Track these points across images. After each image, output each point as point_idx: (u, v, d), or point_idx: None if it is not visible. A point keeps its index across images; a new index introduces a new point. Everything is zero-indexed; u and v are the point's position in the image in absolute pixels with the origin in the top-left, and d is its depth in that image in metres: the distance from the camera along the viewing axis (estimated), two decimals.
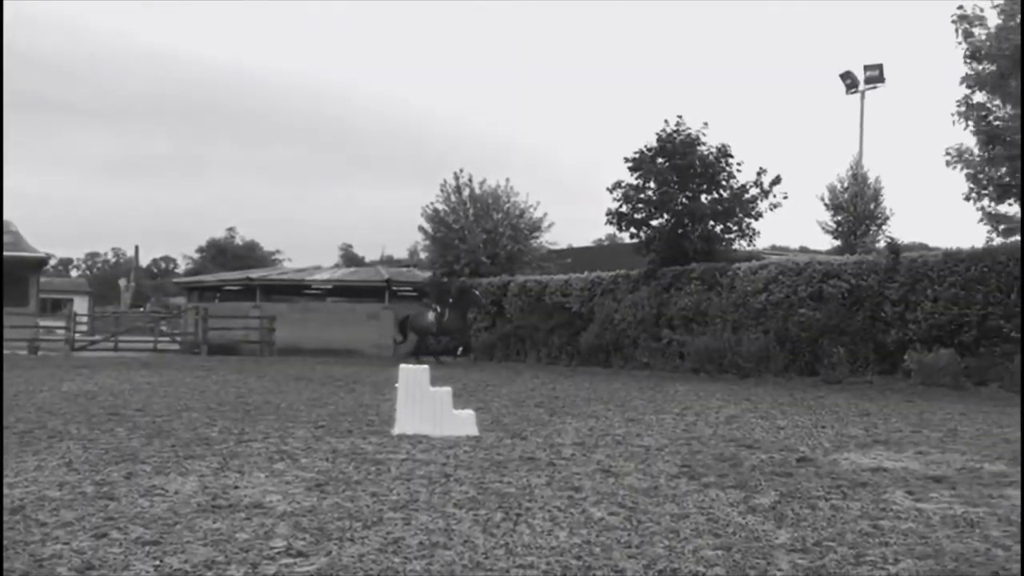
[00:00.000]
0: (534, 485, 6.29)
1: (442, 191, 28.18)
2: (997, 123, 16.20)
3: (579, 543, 4.65)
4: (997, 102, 16.49)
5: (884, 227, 23.44)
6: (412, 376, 9.43)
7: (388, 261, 60.66)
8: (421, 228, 28.55)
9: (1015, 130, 15.67)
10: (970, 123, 16.49)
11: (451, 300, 24.53)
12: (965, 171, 16.54)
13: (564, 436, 9.00)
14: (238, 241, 76.34)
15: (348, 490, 6.03)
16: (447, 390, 9.44)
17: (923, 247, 20.61)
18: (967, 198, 16.79)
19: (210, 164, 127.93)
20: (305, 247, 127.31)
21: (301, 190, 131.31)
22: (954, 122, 16.81)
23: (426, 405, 9.24)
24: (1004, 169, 16.11)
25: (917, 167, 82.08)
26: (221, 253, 71.19)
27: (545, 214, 28.76)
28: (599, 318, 22.44)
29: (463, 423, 9.23)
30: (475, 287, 25.41)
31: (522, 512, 5.39)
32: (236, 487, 6.07)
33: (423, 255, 30.65)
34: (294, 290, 35.48)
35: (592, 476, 6.65)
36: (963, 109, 16.54)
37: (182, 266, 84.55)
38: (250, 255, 70.63)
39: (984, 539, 4.72)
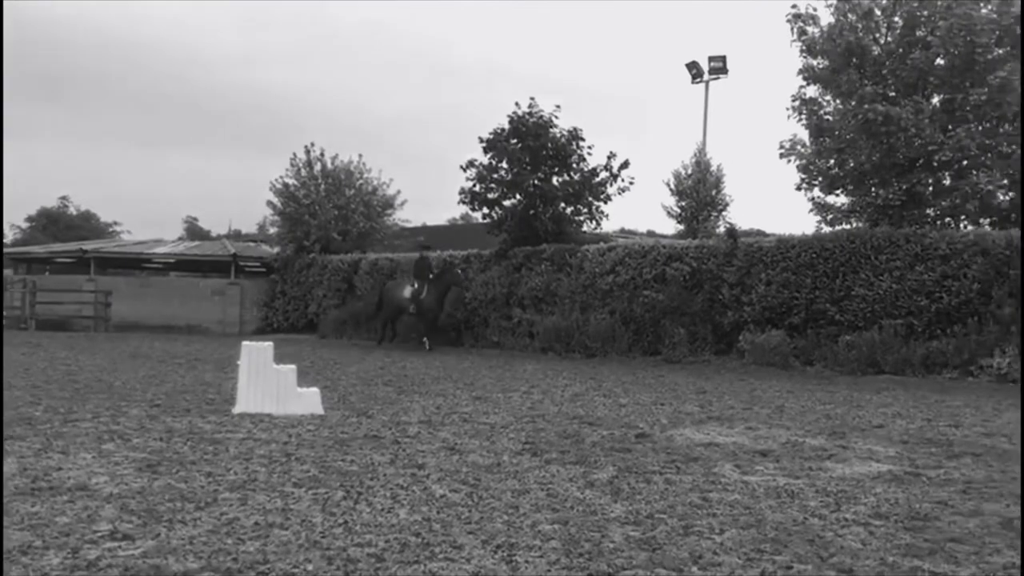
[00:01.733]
0: (377, 463, 6.24)
1: (292, 165, 27.49)
2: (827, 117, 17.13)
3: (419, 520, 4.66)
4: (828, 97, 17.42)
5: (724, 213, 24.49)
6: (255, 353, 9.18)
7: (235, 236, 58.72)
8: (270, 203, 27.77)
9: (843, 124, 16.60)
10: (803, 116, 17.38)
11: (431, 276, 21.58)
12: (797, 162, 17.43)
13: (411, 414, 8.98)
14: (72, 211, 72.05)
15: (182, 471, 5.82)
16: (291, 368, 9.24)
17: (760, 233, 21.58)
18: (799, 188, 17.71)
19: (41, 127, 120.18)
20: (147, 219, 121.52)
21: (145, 159, 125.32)
22: (788, 115, 17.69)
23: (269, 383, 9.02)
24: (832, 161, 17.07)
25: (756, 157, 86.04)
26: (53, 223, 66.99)
27: (399, 191, 28.53)
28: (450, 297, 22.46)
29: (307, 401, 9.07)
30: (455, 264, 22.10)
31: (363, 490, 5.35)
32: (59, 468, 5.76)
33: (272, 230, 29.80)
34: (133, 263, 33.85)
35: (436, 453, 6.66)
36: (796, 103, 17.41)
37: (9, 236, 79.18)
38: (85, 225, 66.84)
39: (803, 509, 5.01)
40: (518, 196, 21.73)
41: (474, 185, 21.93)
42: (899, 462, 6.58)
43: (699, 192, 24.08)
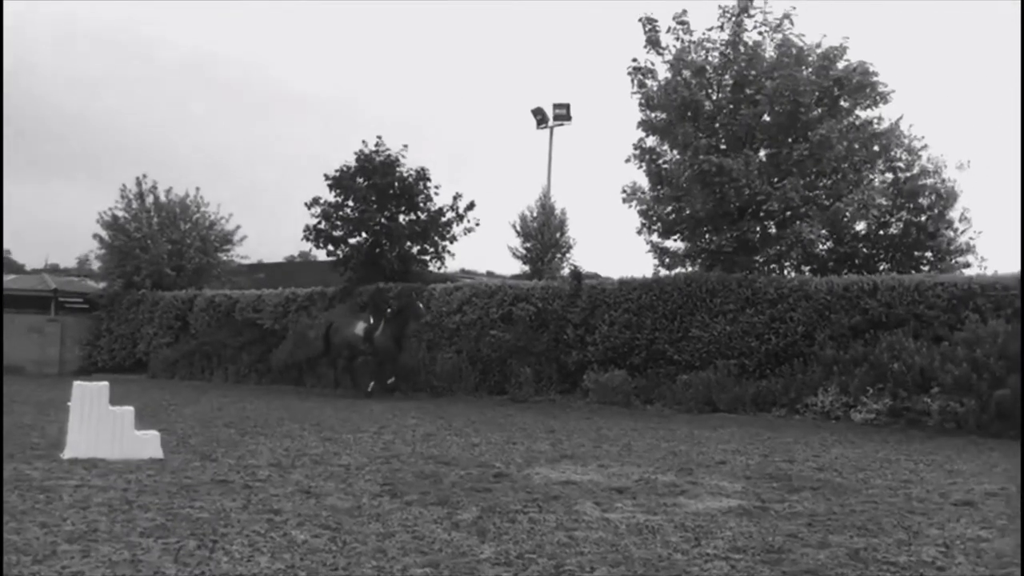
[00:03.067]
0: (229, 509, 5.97)
1: (123, 197, 26.19)
2: (665, 166, 17.91)
3: (283, 568, 4.48)
4: (665, 147, 18.22)
5: (568, 255, 25.07)
6: (88, 394, 8.64)
7: (53, 269, 55.17)
8: (97, 236, 26.30)
9: (679, 173, 17.38)
10: (643, 164, 18.10)
11: (388, 311, 19.01)
12: (638, 208, 18.10)
13: (259, 457, 8.66)
14: None
15: (12, 521, 5.37)
16: (129, 409, 8.76)
17: (596, 276, 22.10)
18: (639, 232, 18.38)
19: None
20: None
21: None
22: (629, 162, 18.38)
23: (104, 425, 8.49)
24: (670, 207, 17.82)
25: (599, 201, 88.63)
26: None
27: (238, 227, 27.67)
28: (293, 335, 21.90)
29: (145, 445, 8.59)
30: (418, 297, 19.53)
31: (218, 538, 5.10)
32: None
33: (97, 264, 28.19)
34: None
35: (291, 497, 6.44)
36: (637, 152, 18.13)
37: None
38: None
39: (665, 544, 5.14)
40: (364, 234, 21.53)
41: (319, 223, 21.58)
42: (746, 497, 6.87)
43: (544, 234, 24.60)
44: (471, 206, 21.67)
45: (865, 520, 5.98)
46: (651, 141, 18.03)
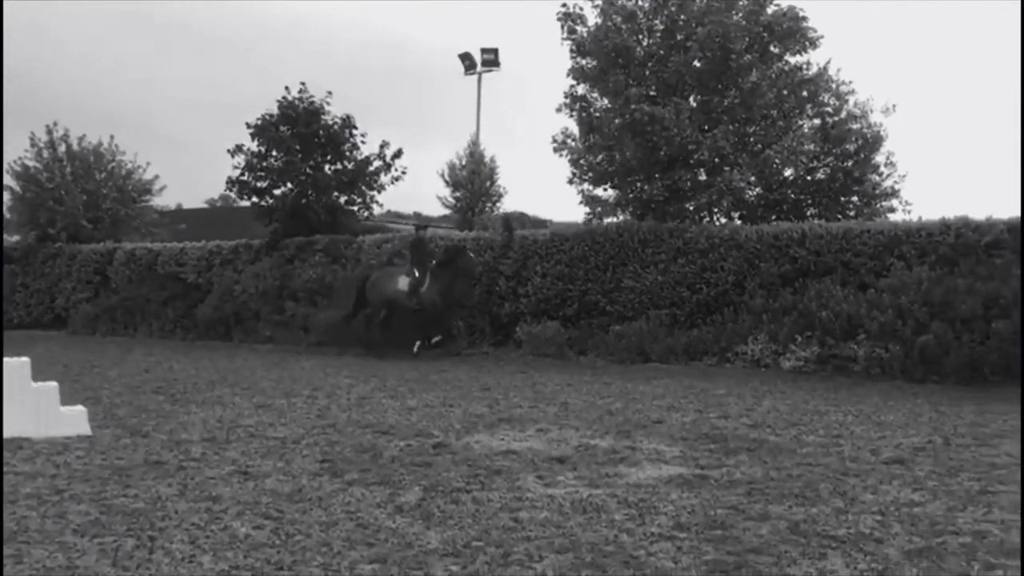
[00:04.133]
0: (165, 497, 5.80)
1: (32, 146, 25.09)
2: (596, 114, 17.79)
3: (226, 569, 4.36)
4: (596, 95, 18.07)
5: (499, 204, 24.94)
6: (9, 370, 8.27)
7: None
8: (8, 187, 25.20)
9: (610, 122, 17.28)
10: (574, 113, 17.95)
11: (435, 262, 17.42)
12: (569, 157, 17.98)
13: (191, 430, 8.44)
14: None
15: None
16: (52, 385, 8.44)
17: (538, 224, 21.93)
18: (570, 181, 18.30)
19: None
20: None
21: None
22: (559, 110, 18.20)
23: (27, 403, 8.16)
24: (601, 157, 17.75)
25: (531, 150, 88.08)
26: None
27: (156, 176, 26.78)
28: (218, 290, 21.40)
29: (73, 422, 8.29)
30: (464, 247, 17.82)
31: (156, 534, 4.94)
32: None
33: (8, 216, 27.06)
34: None
35: (229, 480, 6.29)
36: (568, 100, 17.95)
37: None
38: None
39: (611, 524, 5.15)
40: (289, 185, 21.02)
41: (242, 173, 20.99)
42: (685, 463, 6.94)
43: (473, 183, 24.37)
44: (398, 154, 21.31)
45: (802, 487, 6.08)
46: (582, 89, 17.86)
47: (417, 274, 16.93)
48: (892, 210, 18.97)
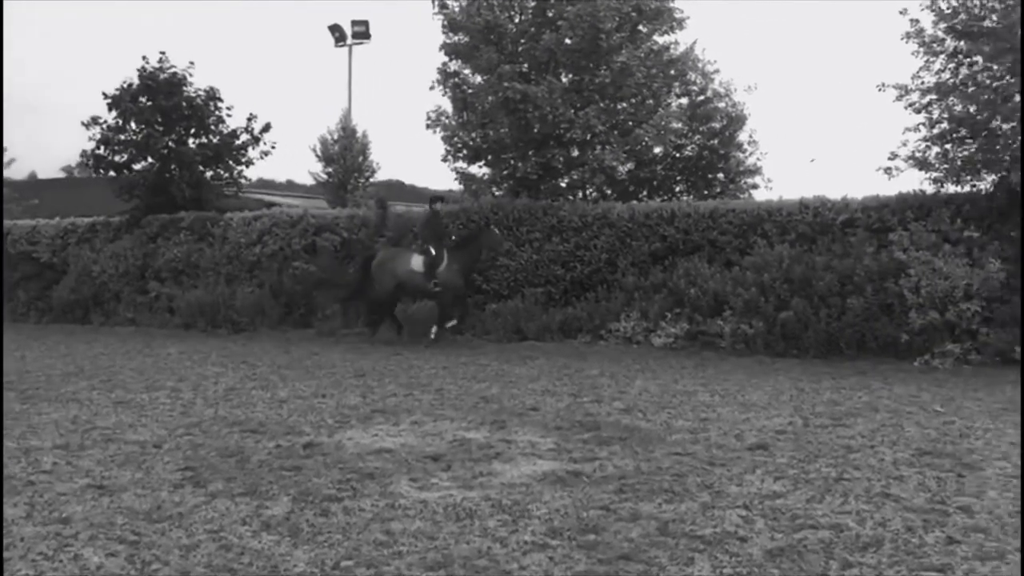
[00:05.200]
0: (11, 519, 5.43)
1: None
2: (469, 91, 17.61)
3: None
4: (468, 71, 17.88)
5: (371, 179, 24.48)
6: None
7: None
8: None
9: (484, 99, 17.14)
10: (447, 90, 17.73)
11: (455, 239, 15.94)
12: (443, 134, 17.78)
13: (43, 435, 7.96)
14: None
15: None
16: None
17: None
18: (444, 159, 18.12)
19: None
20: None
21: None
22: (432, 87, 17.95)
23: None
24: (475, 134, 17.62)
25: (405, 126, 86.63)
26: None
27: (5, 149, 25.12)
28: (75, 270, 20.35)
29: None
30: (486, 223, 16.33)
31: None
32: None
33: None
34: None
35: (82, 497, 5.94)
36: (440, 76, 17.71)
37: None
38: None
39: (483, 533, 5.11)
40: (150, 159, 20.09)
41: (97, 147, 19.92)
42: (559, 457, 6.98)
43: (346, 158, 23.85)
44: (267, 128, 20.66)
45: (671, 480, 6.20)
46: (455, 65, 17.64)
47: (434, 252, 15.35)
48: (755, 187, 19.66)
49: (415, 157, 79.58)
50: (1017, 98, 12.49)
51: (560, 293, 15.94)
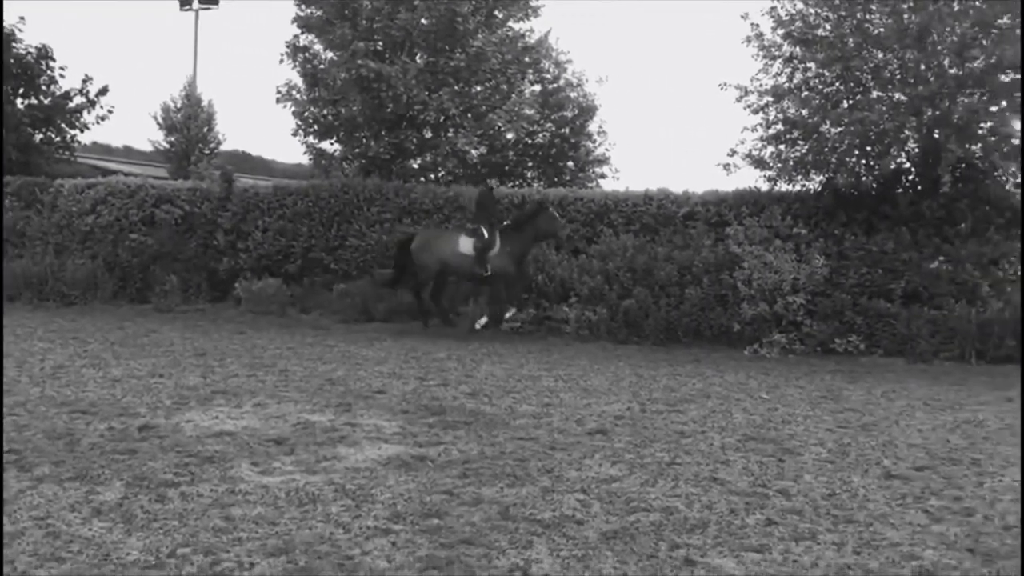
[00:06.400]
0: None
1: None
2: (321, 67, 17.28)
3: None
4: (321, 47, 17.53)
5: (216, 151, 23.63)
6: None
7: None
8: None
9: (336, 76, 16.84)
10: (298, 64, 17.34)
11: (510, 221, 14.45)
12: (293, 109, 17.39)
13: None
14: None
15: None
16: None
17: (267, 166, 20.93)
18: (295, 133, 17.73)
19: None
20: None
21: None
22: (282, 60, 17.50)
23: None
24: (326, 110, 17.32)
25: (256, 98, 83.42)
26: None
27: None
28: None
29: None
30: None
31: None
32: None
33: None
34: None
35: None
36: (291, 50, 17.29)
37: None
38: None
39: (326, 518, 5.09)
40: None
41: None
42: (404, 440, 7.02)
43: (190, 128, 22.92)
44: (103, 91, 19.64)
45: (514, 464, 6.35)
46: (307, 39, 17.27)
47: (485, 234, 13.98)
48: (603, 177, 20.20)
49: (265, 130, 77.04)
50: (844, 104, 13.35)
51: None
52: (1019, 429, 8.06)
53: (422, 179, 17.53)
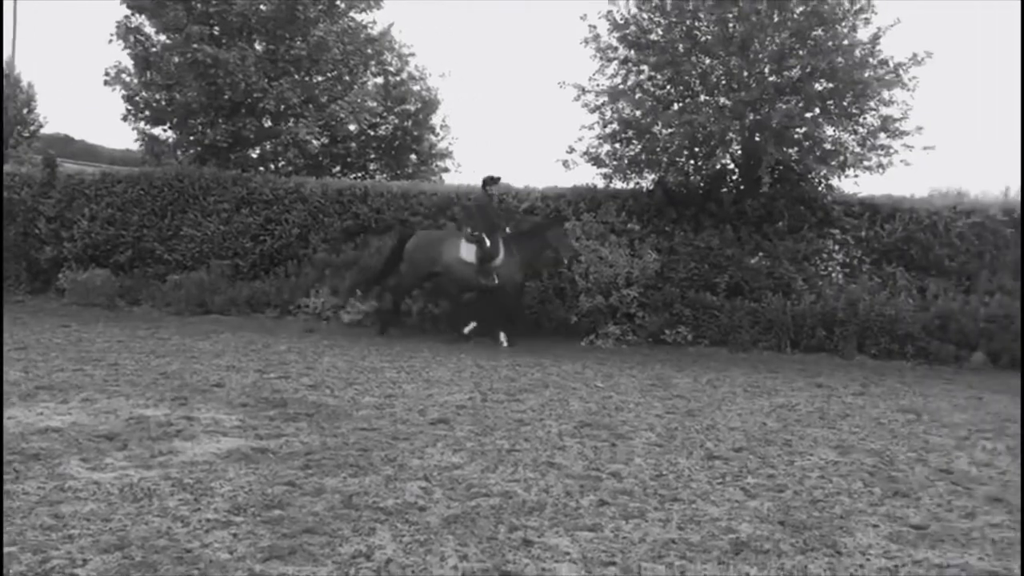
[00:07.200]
0: None
1: None
2: (154, 49, 16.61)
3: None
4: (150, 30, 16.81)
5: (36, 134, 22.25)
6: None
7: None
8: None
9: (169, 59, 16.24)
10: (128, 46, 16.59)
11: (519, 231, 13.70)
12: (123, 92, 16.64)
13: None
14: None
15: None
16: None
17: (92, 151, 19.90)
18: (125, 118, 16.96)
19: None
20: None
21: None
22: (111, 41, 16.70)
23: None
24: (160, 95, 16.66)
25: (83, 80, 78.45)
26: None
27: None
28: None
29: None
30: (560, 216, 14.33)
31: None
32: None
33: None
34: None
35: None
36: (121, 30, 16.52)
37: None
38: None
39: (163, 512, 4.99)
40: None
41: None
42: (244, 434, 6.94)
43: (7, 109, 21.50)
44: None
45: (357, 455, 6.41)
46: (138, 20, 16.56)
47: (486, 241, 13.15)
48: (446, 170, 20.35)
49: (92, 113, 72.80)
50: (675, 106, 14.02)
51: (248, 266, 15.61)
52: (866, 414, 8.77)
53: (261, 168, 17.16)
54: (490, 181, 13.63)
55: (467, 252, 13.21)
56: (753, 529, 5.17)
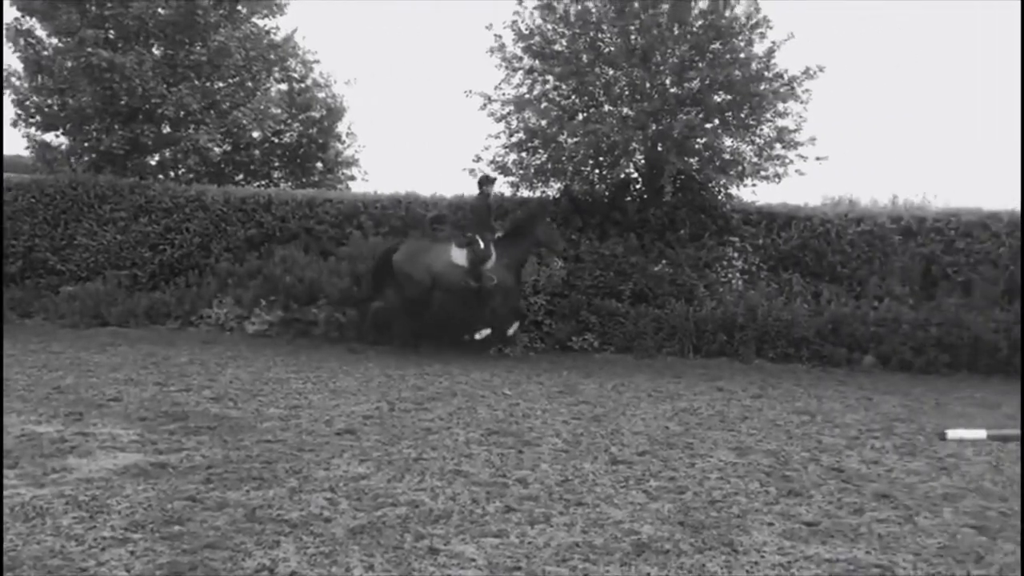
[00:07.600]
0: None
1: None
2: (45, 53, 16.03)
3: None
4: (42, 33, 16.23)
5: None
6: None
7: None
8: None
9: (62, 63, 15.69)
10: (18, 48, 15.99)
11: (507, 231, 13.14)
12: (12, 97, 16.01)
13: None
14: None
15: None
16: None
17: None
18: (15, 124, 16.31)
19: None
20: None
21: None
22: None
23: None
24: (51, 100, 16.09)
25: None
26: None
27: None
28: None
29: None
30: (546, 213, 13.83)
31: None
32: None
33: None
34: None
35: None
36: (12, 32, 15.90)
37: None
38: None
39: (57, 531, 4.84)
40: None
41: None
42: (143, 448, 6.76)
43: None
44: None
45: (260, 467, 6.32)
46: (30, 23, 15.98)
47: (480, 245, 12.80)
48: (353, 178, 20.17)
49: None
50: (580, 116, 14.22)
51: (147, 277, 15.18)
52: (761, 416, 9.03)
53: (160, 176, 16.72)
54: (486, 181, 13.38)
55: (458, 256, 12.99)
56: (654, 530, 5.30)
